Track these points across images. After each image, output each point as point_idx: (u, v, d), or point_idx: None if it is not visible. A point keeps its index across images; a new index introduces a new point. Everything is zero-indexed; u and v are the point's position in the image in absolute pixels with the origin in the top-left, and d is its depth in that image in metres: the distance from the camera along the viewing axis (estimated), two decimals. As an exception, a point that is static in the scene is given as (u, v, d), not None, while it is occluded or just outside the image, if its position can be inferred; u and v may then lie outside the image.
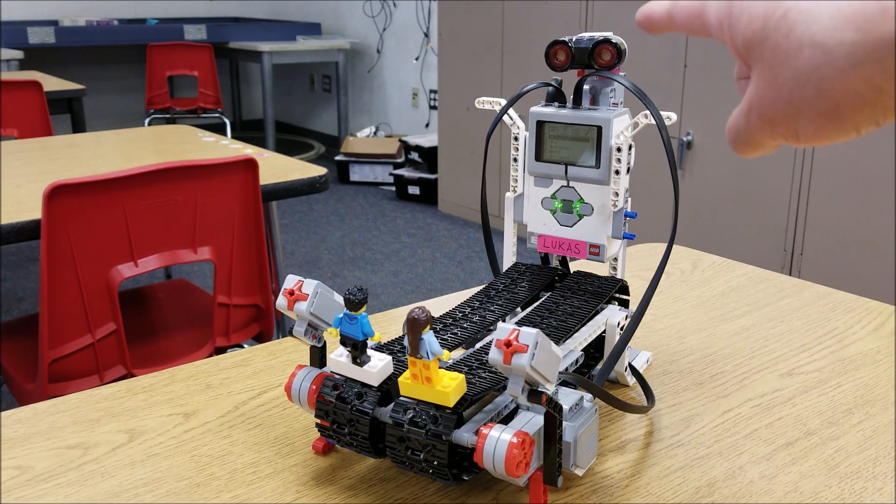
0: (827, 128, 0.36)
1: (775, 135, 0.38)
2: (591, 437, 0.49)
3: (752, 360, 0.70)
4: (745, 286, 0.88)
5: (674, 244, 0.58)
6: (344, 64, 5.67)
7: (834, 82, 0.34)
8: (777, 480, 0.53)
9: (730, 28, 0.39)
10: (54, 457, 0.55)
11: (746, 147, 0.41)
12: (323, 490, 0.52)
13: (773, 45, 0.36)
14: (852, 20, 0.33)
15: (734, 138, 0.41)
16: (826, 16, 0.34)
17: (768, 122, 0.38)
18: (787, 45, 0.35)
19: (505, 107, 0.62)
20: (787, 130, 0.37)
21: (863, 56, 0.33)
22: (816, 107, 0.35)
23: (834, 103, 0.34)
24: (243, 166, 1.51)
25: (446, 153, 4.21)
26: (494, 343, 0.43)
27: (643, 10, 0.46)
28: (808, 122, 0.36)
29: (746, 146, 0.41)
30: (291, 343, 0.73)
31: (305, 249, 3.74)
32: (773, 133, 0.38)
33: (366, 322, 0.48)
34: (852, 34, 0.33)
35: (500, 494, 0.51)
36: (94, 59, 5.86)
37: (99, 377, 1.46)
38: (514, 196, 0.64)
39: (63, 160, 1.90)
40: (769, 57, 0.36)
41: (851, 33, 0.33)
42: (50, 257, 1.33)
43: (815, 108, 0.35)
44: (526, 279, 0.65)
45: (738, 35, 0.38)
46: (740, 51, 0.38)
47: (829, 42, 0.33)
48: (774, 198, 2.80)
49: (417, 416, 0.47)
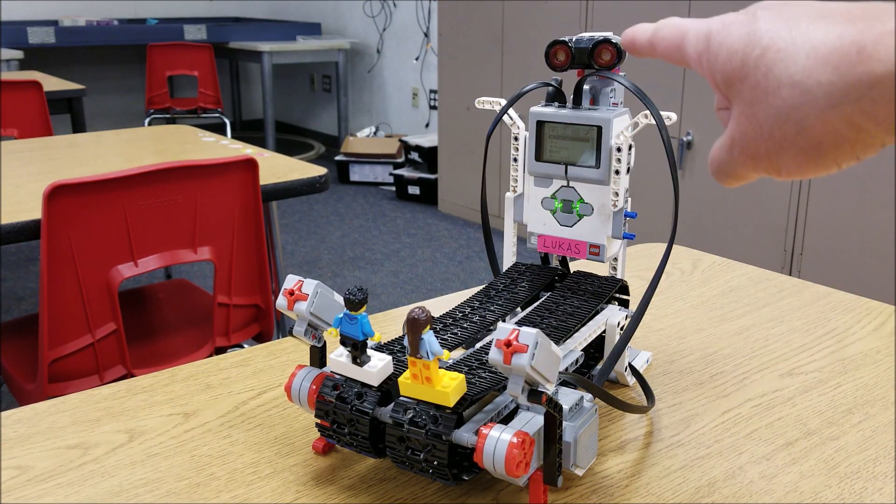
0: (809, 164, 0.36)
1: (758, 169, 0.39)
2: (591, 437, 0.49)
3: (752, 360, 0.70)
4: (745, 286, 0.88)
5: (674, 244, 0.58)
6: (344, 64, 5.67)
7: (814, 121, 0.34)
8: (777, 480, 0.53)
9: (709, 63, 0.39)
10: (54, 457, 0.55)
11: (729, 179, 0.42)
12: (323, 490, 0.52)
13: (752, 84, 0.36)
14: (829, 60, 0.33)
15: (717, 170, 0.42)
16: (803, 55, 0.34)
17: (751, 158, 0.38)
18: (767, 85, 0.36)
19: (505, 107, 0.62)
20: (769, 165, 0.38)
21: (841, 96, 0.33)
22: (798, 144, 0.36)
23: (815, 141, 0.35)
24: (243, 166, 1.51)
25: (446, 153, 4.21)
26: (494, 343, 0.43)
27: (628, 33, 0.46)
28: (790, 158, 0.36)
29: (729, 178, 0.41)
30: (291, 343, 0.73)
31: (305, 249, 3.74)
32: (756, 167, 0.39)
33: (366, 322, 0.48)
34: (829, 75, 0.33)
35: (500, 494, 0.51)
36: (94, 59, 5.86)
37: (99, 377, 1.46)
38: (514, 196, 0.64)
39: (63, 160, 1.90)
40: (749, 94, 0.37)
41: (829, 74, 0.33)
42: (50, 257, 1.33)
43: (796, 145, 0.36)
44: (526, 279, 0.65)
45: (717, 71, 0.38)
46: (720, 85, 0.39)
47: (808, 82, 0.34)
48: (774, 198, 2.80)
49: (417, 416, 0.47)
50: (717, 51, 0.38)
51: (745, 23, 0.37)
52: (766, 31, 0.36)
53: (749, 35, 0.36)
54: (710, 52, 0.39)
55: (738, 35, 0.37)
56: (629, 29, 0.46)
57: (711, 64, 0.39)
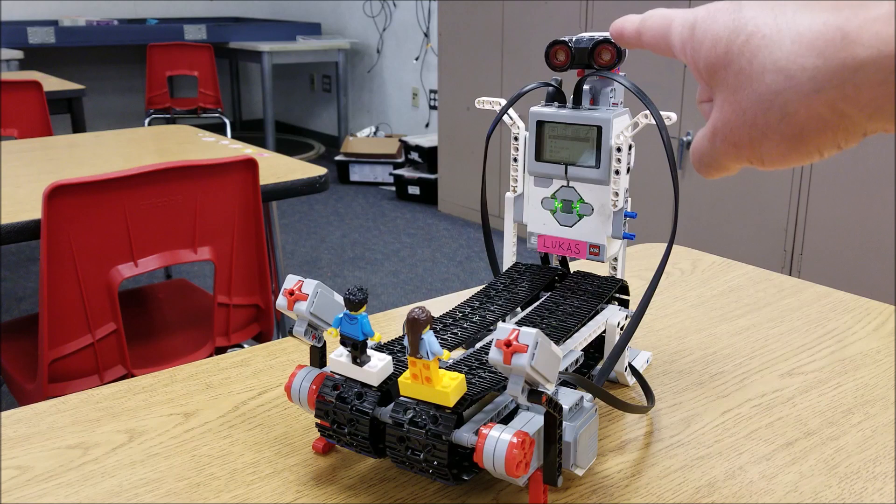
0: (791, 151, 0.36)
1: (740, 158, 0.39)
2: (591, 437, 0.49)
3: (752, 360, 0.70)
4: (745, 286, 0.88)
5: (674, 244, 0.58)
6: (344, 64, 5.67)
7: (797, 106, 0.34)
8: (777, 480, 0.53)
9: (692, 51, 0.39)
10: (54, 457, 0.55)
11: (711, 170, 0.41)
12: (323, 490, 0.52)
13: (736, 70, 0.36)
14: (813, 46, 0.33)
15: (698, 160, 0.41)
16: (788, 41, 0.34)
17: (733, 146, 0.38)
18: (751, 70, 0.36)
19: (505, 107, 0.62)
20: (751, 154, 0.38)
21: (824, 81, 0.33)
22: (781, 131, 0.35)
23: (798, 127, 0.35)
24: (243, 166, 1.51)
25: (446, 153, 4.21)
26: (494, 343, 0.43)
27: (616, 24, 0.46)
28: (772, 145, 0.36)
29: (711, 169, 0.41)
30: (291, 343, 0.73)
31: (305, 249, 3.74)
32: (739, 156, 0.39)
33: (366, 322, 0.48)
34: (814, 60, 0.33)
35: (500, 494, 0.51)
36: (94, 59, 5.86)
37: (99, 377, 1.46)
38: (514, 196, 0.64)
39: (63, 160, 1.90)
40: (733, 81, 0.37)
41: (813, 59, 0.33)
42: (50, 257, 1.33)
43: (779, 132, 0.36)
44: (526, 279, 0.65)
45: (700, 59, 0.38)
46: (703, 74, 0.39)
47: (792, 67, 0.34)
48: (774, 198, 2.80)
49: (417, 416, 0.47)
50: (702, 38, 0.38)
51: (731, 10, 0.37)
52: (751, 18, 0.36)
53: (734, 22, 0.36)
54: (694, 39, 0.39)
55: (723, 22, 0.37)
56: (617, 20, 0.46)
57: (695, 52, 0.39)
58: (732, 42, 0.36)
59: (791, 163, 0.37)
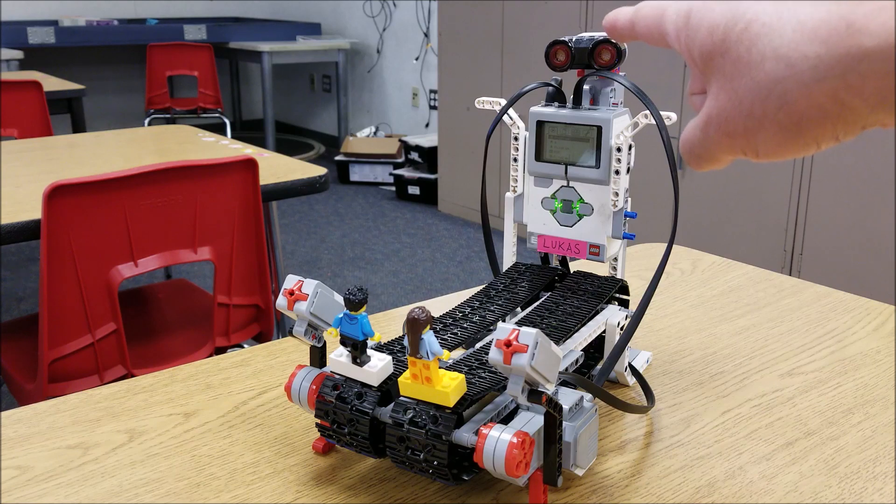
0: (788, 142, 0.35)
1: (734, 149, 0.38)
2: (591, 437, 0.49)
3: (752, 360, 0.70)
4: (745, 286, 0.88)
5: (674, 244, 0.58)
6: (344, 64, 5.67)
7: (797, 95, 0.33)
8: (777, 480, 0.53)
9: (687, 39, 0.38)
10: (54, 457, 0.55)
11: (701, 161, 0.40)
12: (323, 490, 0.52)
13: (734, 58, 0.35)
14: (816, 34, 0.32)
15: (689, 151, 0.40)
16: (789, 29, 0.33)
17: (727, 136, 0.37)
18: (749, 58, 0.35)
19: (505, 107, 0.62)
20: (746, 144, 0.37)
21: (827, 70, 0.32)
22: (778, 120, 0.34)
23: (796, 117, 0.34)
24: (243, 166, 1.51)
25: (446, 153, 4.21)
26: (494, 343, 0.43)
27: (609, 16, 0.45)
28: (768, 135, 0.35)
29: (701, 160, 0.40)
30: (291, 343, 0.73)
31: (305, 249, 3.74)
32: (732, 147, 0.37)
33: (366, 322, 0.48)
34: (817, 48, 0.32)
35: (500, 494, 0.51)
36: (94, 59, 5.86)
37: (99, 377, 1.46)
38: (514, 196, 0.64)
39: (63, 160, 1.90)
40: (730, 69, 0.36)
41: (816, 47, 0.32)
42: (50, 257, 1.33)
43: (776, 121, 0.34)
44: (526, 279, 0.65)
45: (695, 47, 0.37)
46: (698, 62, 0.38)
47: (793, 55, 0.33)
48: (774, 198, 2.80)
49: (417, 416, 0.47)
50: (698, 26, 0.37)
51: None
52: (750, 6, 0.35)
53: (732, 10, 0.36)
54: (689, 27, 0.38)
55: (721, 10, 0.36)
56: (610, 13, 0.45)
57: (690, 40, 0.38)
58: (730, 29, 0.35)
59: (786, 154, 0.36)
